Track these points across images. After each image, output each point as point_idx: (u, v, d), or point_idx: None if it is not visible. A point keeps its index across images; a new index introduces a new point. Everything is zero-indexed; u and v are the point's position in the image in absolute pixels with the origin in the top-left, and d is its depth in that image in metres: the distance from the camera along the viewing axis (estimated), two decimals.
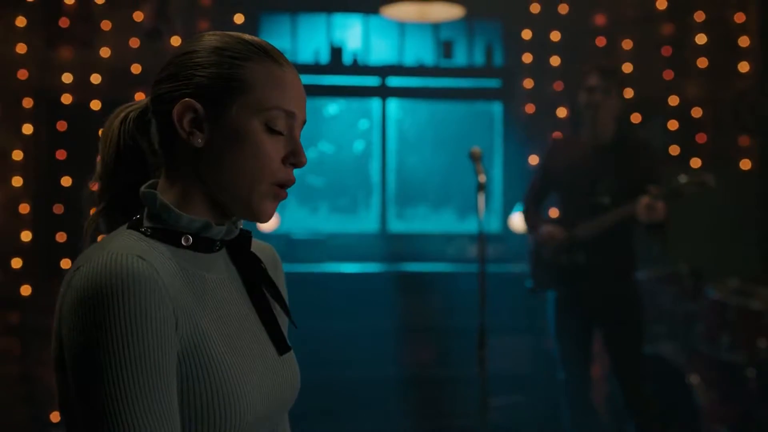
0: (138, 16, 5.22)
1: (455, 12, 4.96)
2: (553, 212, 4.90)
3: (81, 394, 1.08)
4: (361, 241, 5.61)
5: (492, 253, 5.29)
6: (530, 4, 5.56)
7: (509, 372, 4.99)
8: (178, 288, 1.16)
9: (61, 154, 5.13)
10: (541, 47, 5.56)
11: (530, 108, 5.56)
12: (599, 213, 3.89)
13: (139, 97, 4.85)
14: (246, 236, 1.34)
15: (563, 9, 5.56)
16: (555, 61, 5.54)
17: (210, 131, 1.23)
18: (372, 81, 5.66)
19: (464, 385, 4.74)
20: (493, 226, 5.66)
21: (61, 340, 1.13)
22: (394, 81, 5.67)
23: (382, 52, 5.70)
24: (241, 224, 1.34)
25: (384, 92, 5.69)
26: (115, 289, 1.07)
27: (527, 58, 5.57)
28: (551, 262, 4.04)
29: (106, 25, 5.18)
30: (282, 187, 1.26)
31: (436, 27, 5.67)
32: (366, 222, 5.79)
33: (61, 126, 5.14)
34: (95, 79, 5.16)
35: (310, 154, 5.83)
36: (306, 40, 5.64)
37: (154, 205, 1.23)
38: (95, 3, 5.19)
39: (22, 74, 5.10)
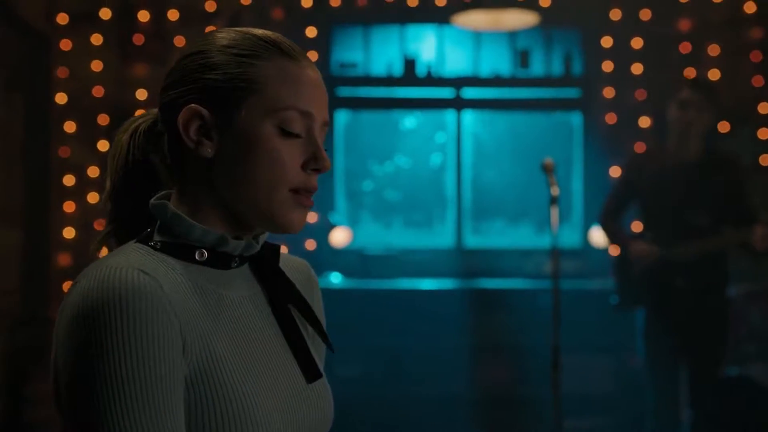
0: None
1: (530, 19, 4.83)
2: (636, 226, 4.71)
3: (74, 422, 0.99)
4: (435, 256, 5.49)
5: (572, 268, 5.11)
6: (610, 10, 5.38)
7: (587, 392, 4.82)
8: (187, 306, 1.06)
9: None
10: (622, 55, 5.37)
11: (611, 118, 5.38)
12: (695, 233, 3.73)
13: None
14: (272, 251, 1.22)
15: (645, 15, 5.36)
16: (637, 68, 5.35)
17: (220, 138, 1.12)
18: (447, 93, 5.56)
19: (540, 405, 4.59)
20: (573, 240, 5.47)
21: (57, 362, 1.04)
22: (469, 92, 5.57)
23: (456, 63, 5.59)
24: (265, 238, 1.22)
25: (459, 104, 5.59)
26: (111, 306, 0.98)
27: (608, 66, 5.39)
28: (641, 280, 3.87)
29: (179, 41, 5.21)
30: (301, 193, 1.14)
31: (512, 36, 5.53)
32: (441, 237, 5.67)
33: None
34: None
35: (386, 168, 5.77)
36: (379, 52, 5.57)
37: (165, 215, 1.13)
38: (169, 20, 5.23)
39: (98, 91, 5.16)
